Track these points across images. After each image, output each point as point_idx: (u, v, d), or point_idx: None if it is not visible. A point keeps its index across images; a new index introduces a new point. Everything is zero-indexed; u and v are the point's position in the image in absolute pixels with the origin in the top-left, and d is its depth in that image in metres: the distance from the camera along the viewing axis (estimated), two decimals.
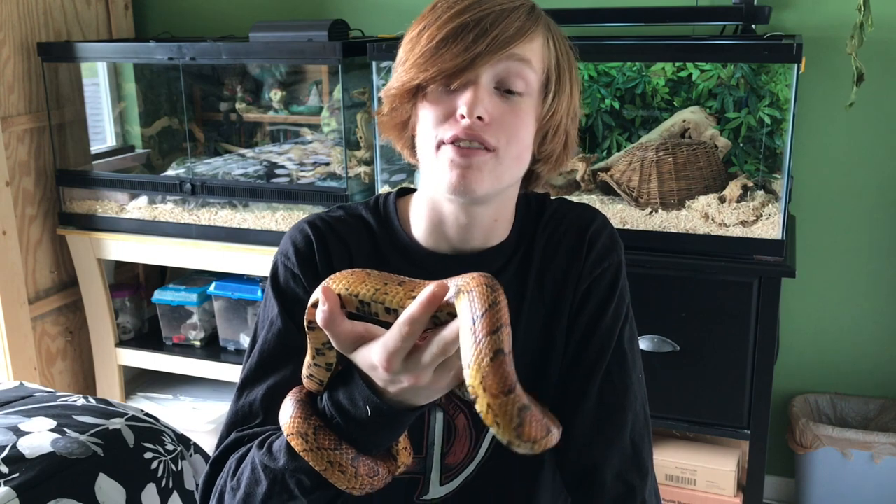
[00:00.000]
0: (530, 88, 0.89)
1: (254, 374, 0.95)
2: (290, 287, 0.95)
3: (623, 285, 0.99)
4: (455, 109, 0.86)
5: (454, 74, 0.85)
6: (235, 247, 2.25)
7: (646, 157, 1.99)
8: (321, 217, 0.99)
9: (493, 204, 0.93)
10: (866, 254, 2.20)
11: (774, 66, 1.94)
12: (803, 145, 2.15)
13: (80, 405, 1.47)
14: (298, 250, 0.96)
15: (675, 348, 1.90)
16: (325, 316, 0.72)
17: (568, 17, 2.18)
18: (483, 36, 0.84)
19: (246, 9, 2.59)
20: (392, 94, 0.90)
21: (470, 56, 0.84)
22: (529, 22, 0.88)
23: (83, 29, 2.54)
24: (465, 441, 0.96)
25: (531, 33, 0.88)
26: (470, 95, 0.85)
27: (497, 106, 0.87)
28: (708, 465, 2.02)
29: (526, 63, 0.88)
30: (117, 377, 2.52)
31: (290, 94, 2.46)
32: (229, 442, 0.91)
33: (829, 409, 2.27)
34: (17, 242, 2.33)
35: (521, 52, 0.87)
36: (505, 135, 0.87)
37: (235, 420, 0.94)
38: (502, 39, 0.85)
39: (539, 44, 0.90)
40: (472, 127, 0.85)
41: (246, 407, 0.93)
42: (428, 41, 0.86)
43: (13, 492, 1.18)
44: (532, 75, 0.89)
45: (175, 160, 2.51)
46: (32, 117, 2.38)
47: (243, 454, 0.88)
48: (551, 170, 0.98)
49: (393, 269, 0.95)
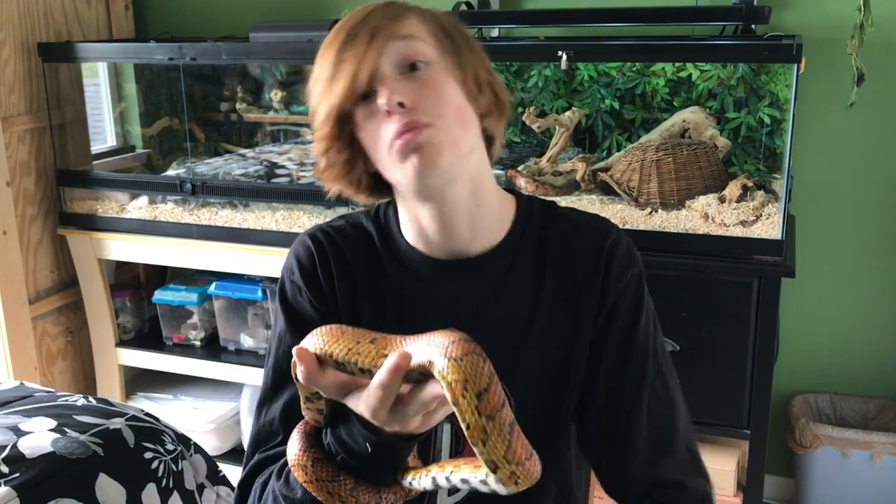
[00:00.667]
0: (430, 56, 0.89)
1: (270, 392, 0.98)
2: (297, 301, 0.98)
3: (647, 295, 1.01)
4: (379, 110, 0.88)
5: (354, 84, 0.87)
6: (236, 247, 2.25)
7: (646, 157, 1.99)
8: (322, 229, 1.01)
9: (463, 180, 0.92)
10: (866, 254, 2.20)
11: (774, 66, 1.94)
12: (803, 145, 2.15)
13: (80, 405, 1.47)
14: (302, 265, 0.99)
15: (675, 348, 1.90)
16: (304, 375, 0.75)
17: (568, 17, 2.18)
18: (356, 41, 0.88)
19: (246, 9, 2.59)
20: (319, 142, 0.92)
21: (356, 61, 0.87)
22: (394, 9, 0.91)
23: (83, 29, 2.54)
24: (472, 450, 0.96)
25: (401, 16, 0.90)
26: (383, 89, 0.86)
27: (410, 88, 0.87)
28: (708, 465, 2.01)
29: (411, 38, 0.89)
30: (117, 377, 2.52)
31: (291, 94, 2.47)
32: (254, 464, 0.95)
33: (828, 408, 2.27)
34: (18, 242, 2.33)
35: (400, 30, 0.89)
36: (432, 106, 0.87)
37: (258, 439, 0.98)
38: (374, 28, 0.88)
39: (415, 21, 0.91)
40: (401, 115, 0.86)
41: (266, 426, 0.97)
42: (322, 79, 0.90)
43: (13, 491, 1.18)
44: (422, 44, 0.89)
45: (175, 160, 2.52)
46: (33, 117, 2.38)
47: (266, 479, 0.91)
48: (497, 122, 0.97)
49: (391, 277, 0.98)
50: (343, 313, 0.97)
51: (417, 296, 0.98)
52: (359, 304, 0.98)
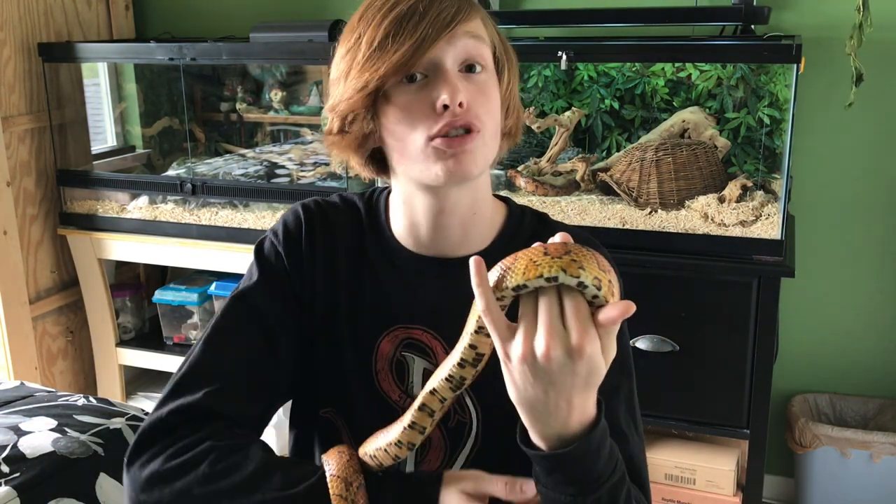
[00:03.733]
0: (488, 64, 0.88)
1: (224, 335, 0.93)
2: (272, 259, 0.96)
3: (623, 326, 0.89)
4: (431, 102, 0.84)
5: (410, 62, 0.83)
6: (236, 247, 2.25)
7: (645, 157, 2.00)
8: (316, 201, 1.00)
9: (472, 188, 0.92)
10: (866, 253, 2.20)
11: (774, 66, 1.95)
12: (803, 145, 2.15)
13: (80, 405, 1.47)
14: (288, 230, 0.97)
15: (675, 348, 1.90)
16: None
17: (568, 18, 2.19)
18: (423, 19, 0.83)
19: (246, 9, 2.59)
20: (344, 107, 0.87)
21: (418, 40, 0.82)
22: (465, 2, 0.87)
23: (84, 29, 2.54)
24: (439, 451, 0.95)
25: (470, 10, 0.87)
26: (447, 84, 0.83)
27: (468, 88, 0.85)
28: (707, 465, 2.02)
29: (480, 39, 0.87)
30: (118, 377, 2.53)
31: (291, 94, 2.47)
32: (204, 405, 0.88)
33: (828, 408, 2.27)
34: (18, 242, 2.33)
35: (471, 28, 0.86)
36: (483, 114, 0.86)
37: (202, 372, 0.91)
38: (445, 18, 0.84)
39: (480, 20, 0.89)
40: (458, 115, 0.84)
41: (219, 362, 0.91)
42: (369, 44, 0.84)
43: (14, 491, 1.18)
44: (486, 50, 0.88)
45: (175, 160, 2.52)
46: (33, 117, 2.38)
47: (236, 445, 0.85)
48: (509, 146, 0.97)
49: (371, 259, 0.97)
50: (318, 281, 0.96)
51: (392, 285, 0.96)
52: (337, 279, 0.96)
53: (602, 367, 0.69)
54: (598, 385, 0.71)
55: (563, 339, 0.67)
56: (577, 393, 0.69)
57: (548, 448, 0.73)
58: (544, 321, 0.67)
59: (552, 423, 0.71)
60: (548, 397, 0.70)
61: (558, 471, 0.73)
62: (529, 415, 0.72)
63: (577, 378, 0.68)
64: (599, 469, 0.73)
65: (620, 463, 0.77)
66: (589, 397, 0.71)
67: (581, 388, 0.69)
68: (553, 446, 0.72)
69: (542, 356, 0.67)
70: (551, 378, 0.68)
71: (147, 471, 0.84)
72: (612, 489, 0.74)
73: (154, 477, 0.84)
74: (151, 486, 0.84)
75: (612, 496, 0.75)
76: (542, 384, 0.69)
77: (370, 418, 0.91)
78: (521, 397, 0.71)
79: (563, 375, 0.68)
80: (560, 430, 0.71)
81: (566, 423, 0.71)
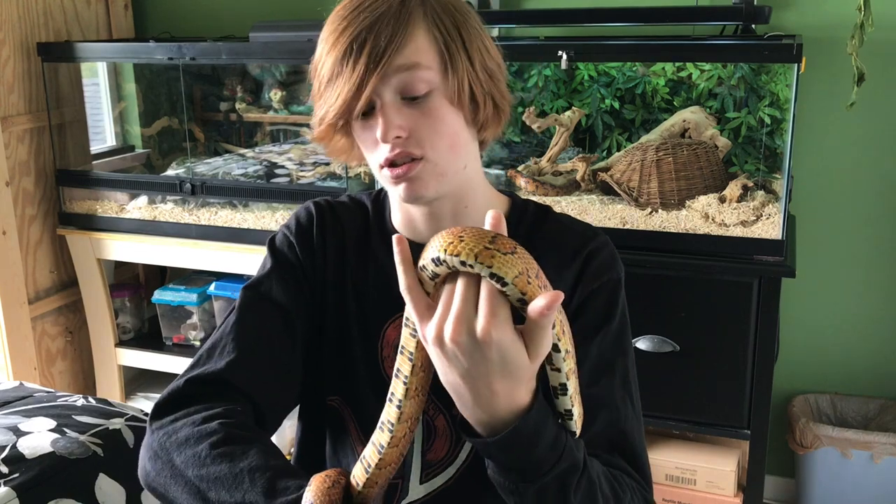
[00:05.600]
0: (432, 83, 0.88)
1: (238, 324, 0.97)
2: (285, 250, 1.02)
3: (623, 308, 0.96)
4: (374, 135, 0.88)
5: (350, 106, 0.87)
6: (235, 247, 2.25)
7: (646, 157, 1.99)
8: (327, 200, 1.06)
9: (451, 192, 0.94)
10: (866, 253, 2.20)
11: (774, 66, 1.94)
12: (803, 145, 2.15)
13: (79, 405, 1.47)
14: (300, 224, 1.03)
15: (675, 348, 1.90)
16: None
17: (568, 17, 2.18)
18: (360, 55, 0.85)
19: (246, 9, 2.59)
20: (318, 132, 0.94)
21: (356, 83, 0.85)
22: (400, 22, 0.86)
23: (83, 29, 2.54)
24: (445, 440, 0.97)
25: (406, 34, 0.86)
26: (381, 121, 0.87)
27: (409, 116, 0.87)
28: (708, 465, 2.02)
29: (415, 67, 0.86)
30: (117, 377, 2.53)
31: (290, 94, 2.46)
32: (225, 377, 0.92)
33: (829, 409, 2.27)
34: (17, 242, 2.33)
35: (406, 59, 0.86)
36: (426, 139, 0.88)
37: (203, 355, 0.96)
38: (377, 53, 0.85)
39: (420, 36, 0.87)
40: (395, 147, 0.87)
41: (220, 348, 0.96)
42: (322, 77, 0.89)
43: (13, 492, 1.18)
44: (427, 72, 0.87)
45: (175, 160, 2.52)
46: (32, 117, 2.38)
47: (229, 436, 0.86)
48: (496, 129, 0.97)
49: (375, 251, 1.02)
50: (328, 272, 1.01)
51: (395, 274, 0.97)
52: (345, 270, 1.01)
53: (519, 357, 0.68)
54: (525, 376, 0.70)
55: (469, 323, 0.67)
56: (497, 380, 0.69)
57: (485, 434, 0.73)
58: (456, 305, 0.68)
59: (477, 409, 0.71)
60: (466, 382, 0.70)
61: (493, 457, 0.74)
62: (457, 400, 0.73)
63: (491, 364, 0.68)
64: (538, 456, 0.72)
65: (572, 452, 0.75)
66: (515, 386, 0.70)
67: (499, 375, 0.69)
68: (486, 433, 0.73)
69: (450, 339, 0.67)
70: (463, 363, 0.68)
71: (157, 437, 0.88)
72: (560, 476, 0.74)
73: (161, 447, 0.87)
74: (156, 457, 0.87)
75: (561, 483, 0.74)
76: (456, 368, 0.69)
77: (376, 405, 0.91)
78: (444, 381, 0.72)
79: (474, 361, 0.68)
80: (487, 417, 0.71)
81: (492, 410, 0.71)
